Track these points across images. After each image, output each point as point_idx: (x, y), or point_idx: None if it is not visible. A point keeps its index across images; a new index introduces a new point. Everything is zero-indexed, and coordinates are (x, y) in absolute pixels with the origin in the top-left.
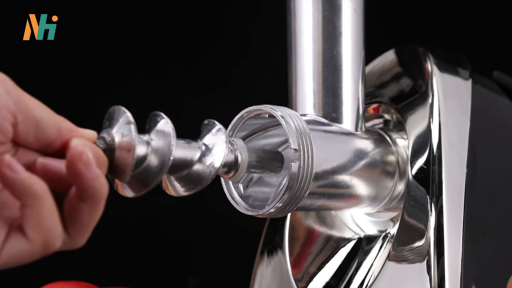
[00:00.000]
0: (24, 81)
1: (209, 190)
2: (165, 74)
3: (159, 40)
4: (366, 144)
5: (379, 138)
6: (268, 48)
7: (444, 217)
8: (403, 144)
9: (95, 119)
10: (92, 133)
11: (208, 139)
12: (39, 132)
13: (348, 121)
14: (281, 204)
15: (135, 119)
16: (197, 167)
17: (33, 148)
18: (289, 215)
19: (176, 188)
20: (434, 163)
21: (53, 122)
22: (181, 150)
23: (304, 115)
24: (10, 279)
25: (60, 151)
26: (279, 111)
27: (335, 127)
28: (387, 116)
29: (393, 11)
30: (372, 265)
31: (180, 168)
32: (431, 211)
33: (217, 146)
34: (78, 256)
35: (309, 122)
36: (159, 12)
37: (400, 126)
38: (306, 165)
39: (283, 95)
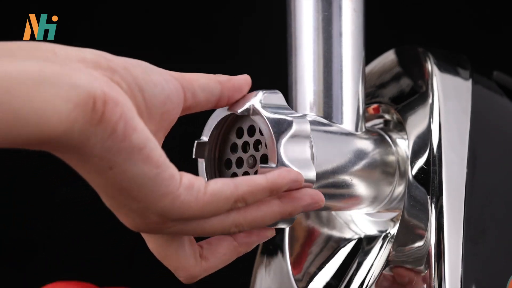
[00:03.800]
0: None
1: None
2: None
3: (157, 40)
4: (366, 145)
5: (379, 139)
6: (268, 48)
7: (444, 217)
8: (403, 144)
9: None
10: (246, 77)
11: None
12: (207, 93)
13: (348, 121)
14: None
15: None
16: None
17: (208, 107)
18: None
19: None
20: (434, 163)
21: (212, 79)
22: None
23: (304, 115)
24: (10, 279)
25: (229, 101)
26: None
27: (335, 127)
28: (387, 116)
29: (393, 12)
30: (372, 265)
31: None
32: (431, 211)
33: None
34: (78, 256)
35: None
36: (156, 11)
37: (400, 126)
38: None
39: (283, 95)
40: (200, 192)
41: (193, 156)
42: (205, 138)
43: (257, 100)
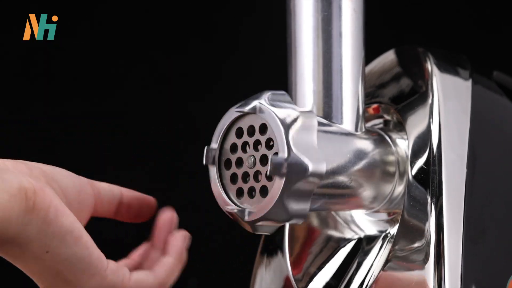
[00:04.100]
0: (24, 81)
1: (209, 190)
2: (165, 73)
3: (157, 40)
4: (366, 145)
5: (379, 139)
6: (268, 48)
7: (444, 217)
8: (403, 144)
9: (95, 118)
10: (150, 198)
11: None
12: (108, 192)
13: (348, 121)
14: None
15: (138, 119)
16: None
17: (110, 209)
18: None
19: None
20: (434, 163)
21: (116, 186)
22: None
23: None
24: (10, 279)
25: (129, 209)
26: None
27: (335, 127)
28: (387, 116)
29: (392, 12)
30: (372, 265)
31: None
32: (431, 211)
33: None
34: None
35: None
36: (156, 11)
37: (400, 126)
38: None
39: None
40: (125, 278)
41: (204, 163)
42: (214, 145)
43: (264, 98)
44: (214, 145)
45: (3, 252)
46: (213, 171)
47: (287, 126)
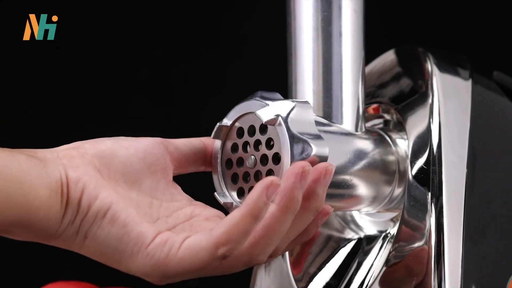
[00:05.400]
0: (24, 81)
1: (209, 189)
2: (164, 74)
3: (160, 42)
4: (366, 145)
5: (379, 139)
6: (268, 48)
7: (444, 217)
8: (403, 144)
9: (94, 118)
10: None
11: None
12: (190, 147)
13: (348, 121)
14: None
15: (134, 121)
16: None
17: (195, 167)
18: None
19: None
20: (434, 163)
21: (193, 138)
22: None
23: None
24: (10, 279)
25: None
26: None
27: (335, 127)
28: (387, 116)
29: (392, 12)
30: (372, 265)
31: None
32: (431, 211)
33: None
34: (78, 256)
35: None
36: (157, 12)
37: (400, 126)
38: None
39: (283, 95)
40: (173, 248)
41: (212, 137)
42: (227, 121)
43: (286, 111)
44: (227, 121)
45: (53, 244)
46: (216, 147)
47: (296, 156)
